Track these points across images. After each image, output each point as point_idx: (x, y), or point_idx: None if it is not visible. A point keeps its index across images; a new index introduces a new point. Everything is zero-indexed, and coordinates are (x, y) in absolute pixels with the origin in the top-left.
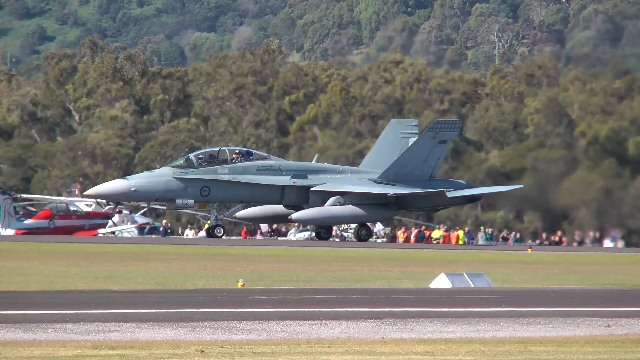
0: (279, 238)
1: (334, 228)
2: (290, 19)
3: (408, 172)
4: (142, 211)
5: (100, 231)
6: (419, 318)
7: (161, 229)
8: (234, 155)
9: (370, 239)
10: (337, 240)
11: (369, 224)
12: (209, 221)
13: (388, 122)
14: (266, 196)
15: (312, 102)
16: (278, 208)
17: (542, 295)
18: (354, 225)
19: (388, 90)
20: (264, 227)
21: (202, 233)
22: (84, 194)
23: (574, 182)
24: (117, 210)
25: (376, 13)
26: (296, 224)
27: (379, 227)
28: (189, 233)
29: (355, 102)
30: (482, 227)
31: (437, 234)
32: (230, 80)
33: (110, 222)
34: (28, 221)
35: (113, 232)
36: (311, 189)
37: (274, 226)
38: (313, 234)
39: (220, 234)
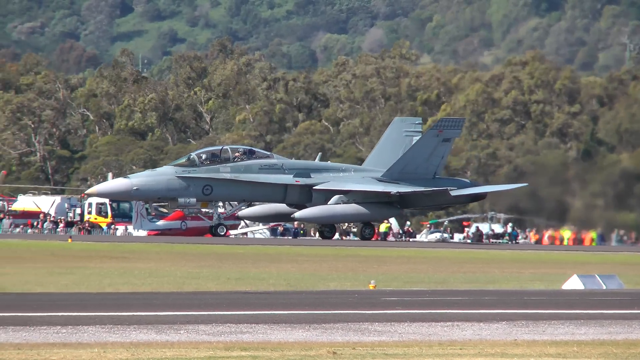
0: (410, 239)
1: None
2: (421, 21)
3: (412, 170)
4: None
5: (232, 232)
6: (551, 320)
7: (293, 230)
8: (236, 154)
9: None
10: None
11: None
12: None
13: (516, 124)
14: (269, 195)
15: (443, 103)
16: (281, 207)
17: None
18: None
19: (514, 94)
20: (395, 227)
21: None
22: (85, 192)
23: None
24: None
25: (507, 15)
26: (428, 225)
27: (497, 227)
28: None
29: (493, 104)
30: (615, 229)
31: (567, 234)
32: (360, 83)
33: (242, 224)
34: (160, 222)
35: (245, 234)
36: (314, 187)
37: (406, 227)
38: (445, 235)
39: (223, 233)
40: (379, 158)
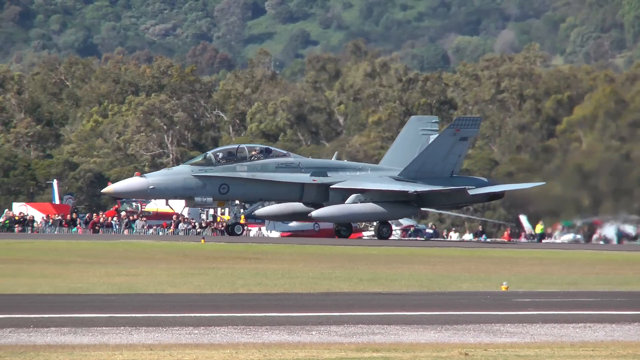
0: (542, 241)
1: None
2: (553, 22)
3: (429, 169)
4: None
5: (365, 234)
6: None
7: (426, 231)
8: (253, 153)
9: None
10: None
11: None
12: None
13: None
14: (286, 194)
15: (576, 105)
16: (298, 206)
17: None
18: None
19: None
20: (528, 229)
21: (468, 236)
22: (101, 191)
23: None
24: None
25: (639, 16)
26: (561, 227)
27: (629, 229)
28: (454, 235)
29: (625, 106)
30: None
31: None
32: (493, 83)
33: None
34: (293, 224)
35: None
36: (331, 186)
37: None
38: (579, 236)
39: (239, 232)
40: (395, 157)
